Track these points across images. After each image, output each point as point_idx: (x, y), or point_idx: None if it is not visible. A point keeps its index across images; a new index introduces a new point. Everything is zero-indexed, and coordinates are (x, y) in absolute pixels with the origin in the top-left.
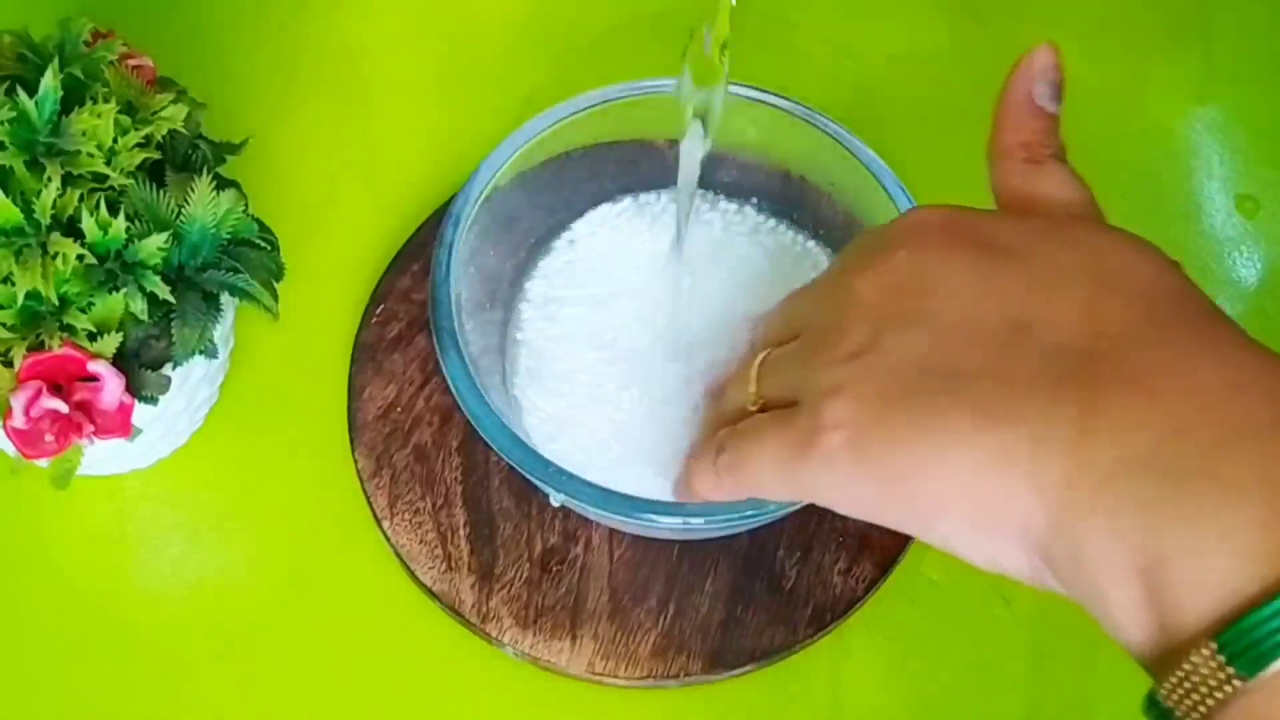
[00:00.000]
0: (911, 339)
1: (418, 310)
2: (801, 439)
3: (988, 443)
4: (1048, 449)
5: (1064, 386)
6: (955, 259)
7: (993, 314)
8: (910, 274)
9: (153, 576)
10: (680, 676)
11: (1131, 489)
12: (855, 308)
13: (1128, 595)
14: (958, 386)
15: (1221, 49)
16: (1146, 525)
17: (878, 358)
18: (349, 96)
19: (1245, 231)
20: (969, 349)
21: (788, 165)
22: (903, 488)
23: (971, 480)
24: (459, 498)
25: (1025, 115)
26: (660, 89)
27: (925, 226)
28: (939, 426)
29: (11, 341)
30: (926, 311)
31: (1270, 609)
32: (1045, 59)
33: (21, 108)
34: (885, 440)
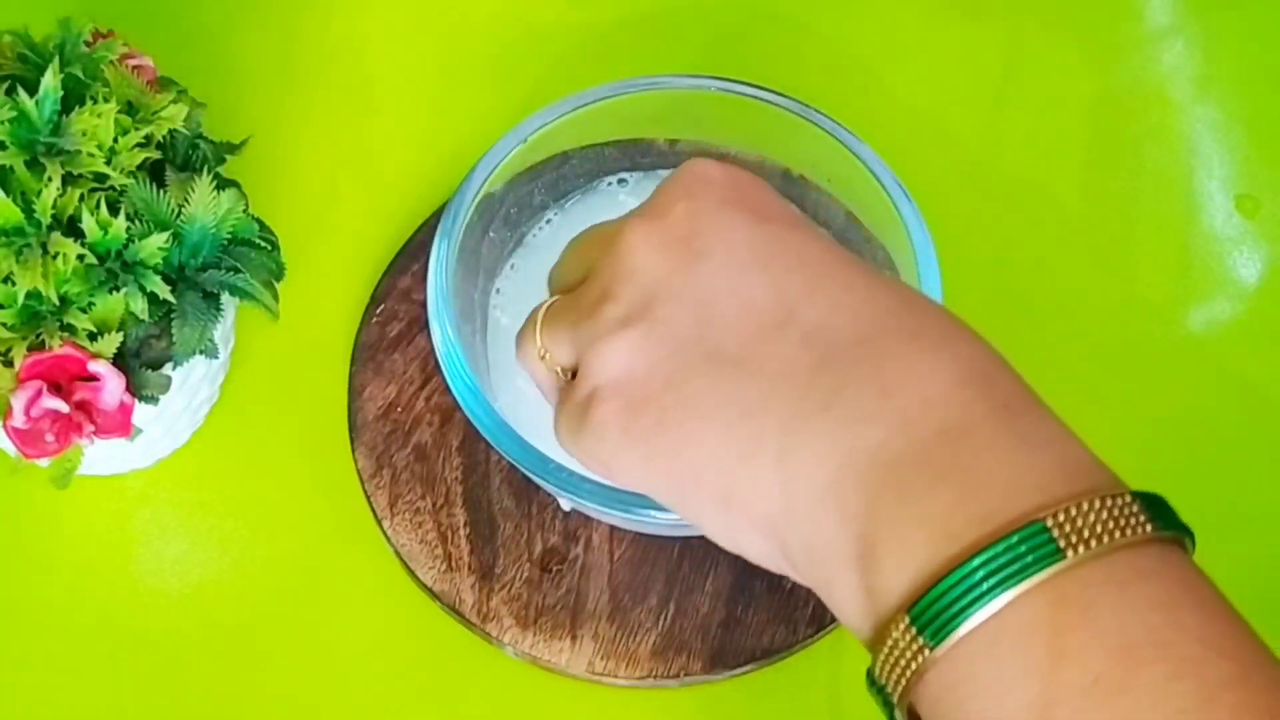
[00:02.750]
0: (681, 311)
1: (418, 310)
2: (577, 405)
3: (741, 428)
4: (793, 440)
5: (816, 374)
6: (730, 218)
7: (759, 289)
8: (685, 231)
9: (153, 576)
10: (680, 676)
11: (857, 479)
12: (628, 264)
13: (849, 582)
14: (720, 369)
15: (1221, 49)
16: (865, 514)
17: (649, 328)
18: (349, 96)
19: (1245, 231)
20: (735, 327)
21: (787, 164)
22: (663, 463)
23: (723, 463)
24: (459, 497)
25: None
26: (657, 87)
27: (708, 181)
28: (699, 407)
29: (12, 341)
30: (697, 278)
31: (949, 580)
32: None
33: (22, 107)
34: (651, 416)
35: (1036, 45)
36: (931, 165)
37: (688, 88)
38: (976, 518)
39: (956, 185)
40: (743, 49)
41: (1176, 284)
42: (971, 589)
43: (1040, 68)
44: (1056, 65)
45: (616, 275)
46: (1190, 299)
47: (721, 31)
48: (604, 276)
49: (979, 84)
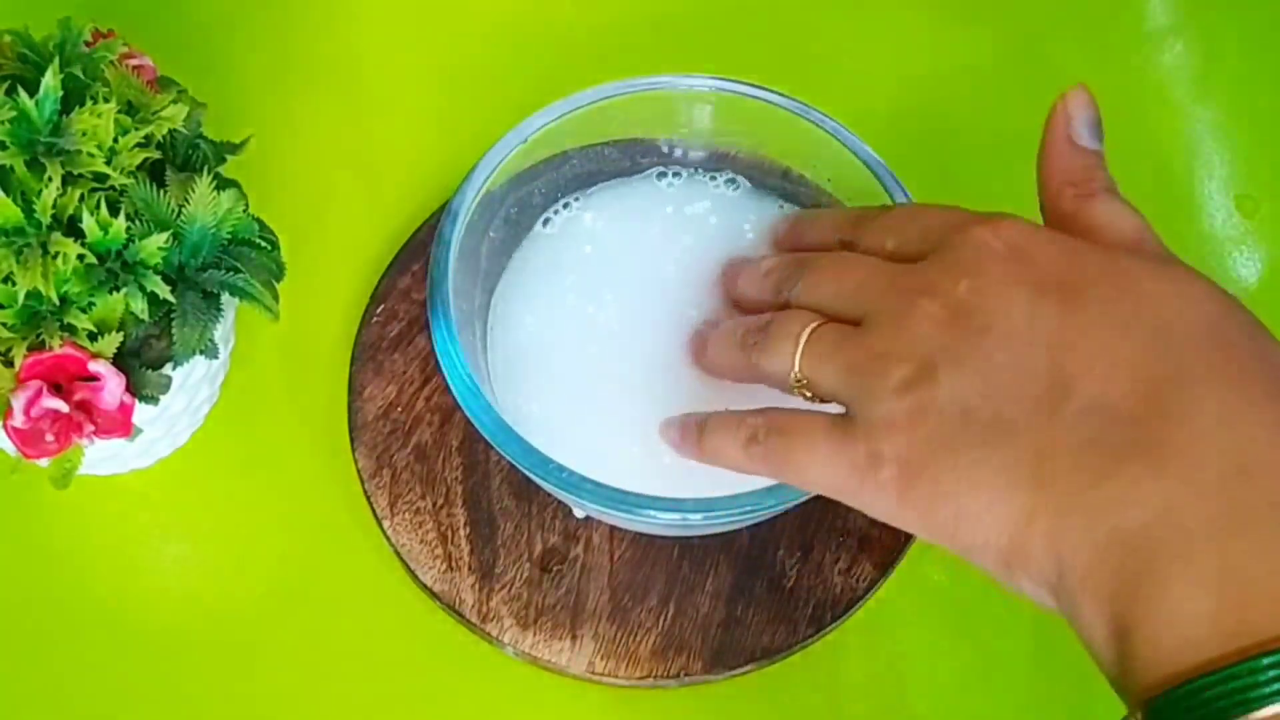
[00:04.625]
0: (961, 379)
1: (418, 310)
2: (858, 463)
3: (1017, 502)
4: (1063, 517)
5: (1089, 453)
6: (1012, 296)
7: (1039, 363)
8: (970, 307)
9: (153, 576)
10: (680, 676)
11: (1118, 561)
12: (913, 330)
13: (1107, 652)
14: (996, 440)
15: (1221, 49)
16: (1123, 597)
17: (930, 394)
18: (349, 96)
19: (1245, 231)
20: (1013, 398)
21: (787, 164)
22: (942, 527)
23: (1001, 533)
24: (459, 497)
25: (1068, 154)
26: (656, 87)
27: (991, 255)
28: (976, 481)
29: (12, 341)
30: (980, 351)
31: (1186, 690)
32: (1079, 97)
33: (22, 107)
34: (930, 483)
35: (1036, 45)
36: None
37: (688, 88)
38: (1227, 631)
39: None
40: (743, 49)
41: None
42: (1207, 704)
43: (1040, 68)
44: (1056, 65)
45: (903, 336)
46: None
47: (721, 31)
48: (890, 331)
49: (979, 84)
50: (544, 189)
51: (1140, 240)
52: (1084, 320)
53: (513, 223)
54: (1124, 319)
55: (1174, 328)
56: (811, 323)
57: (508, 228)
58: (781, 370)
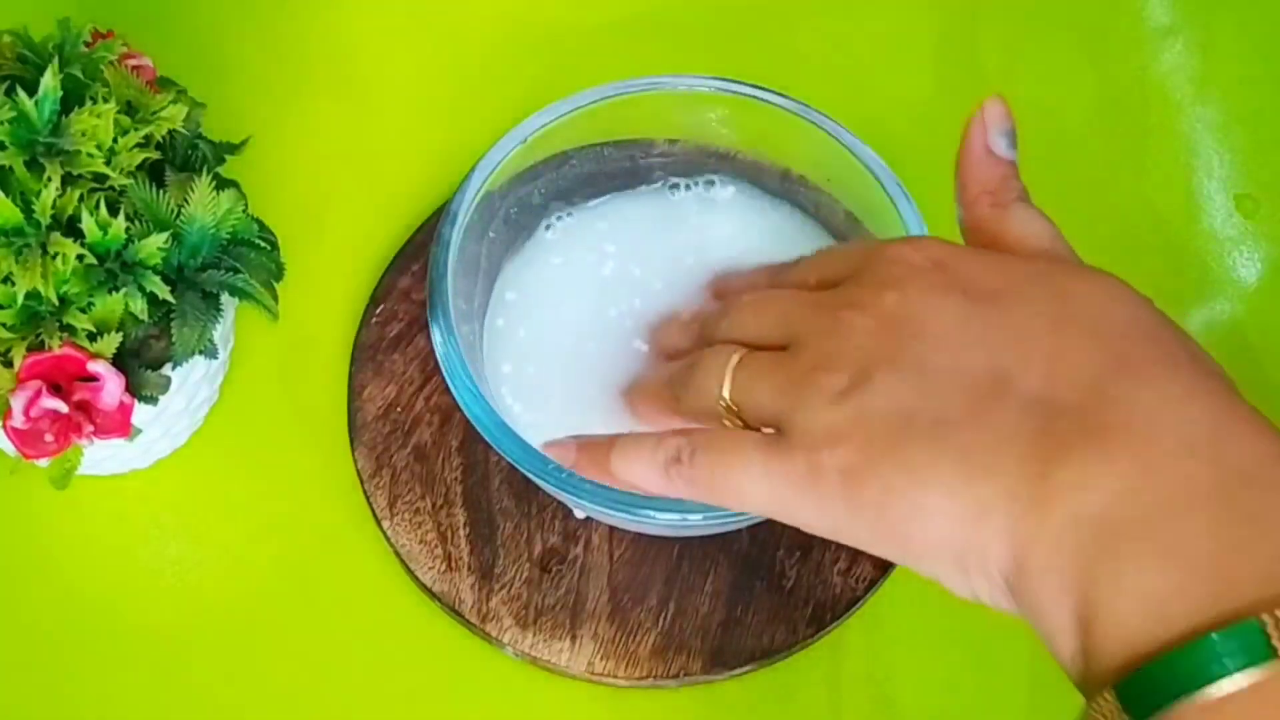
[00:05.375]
0: (900, 382)
1: (418, 310)
2: (796, 476)
3: (968, 495)
4: (1018, 505)
5: (1036, 442)
6: (942, 304)
7: (976, 362)
8: (900, 316)
9: (153, 576)
10: (680, 676)
11: (1077, 546)
12: (844, 342)
13: (1069, 640)
14: (943, 435)
15: (1221, 49)
16: (1084, 581)
17: (868, 399)
18: (349, 96)
19: (1245, 231)
20: (953, 397)
21: (787, 164)
22: (892, 530)
23: (955, 529)
24: (459, 498)
25: (985, 165)
26: (656, 87)
27: (913, 269)
28: (926, 477)
29: (11, 341)
30: (914, 355)
31: (1158, 666)
32: (996, 109)
33: (21, 108)
34: (878, 486)
35: (1036, 45)
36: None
37: (688, 88)
38: (1193, 604)
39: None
40: (743, 49)
41: (1176, 284)
42: (1178, 677)
43: (1040, 68)
44: (1056, 65)
45: (833, 349)
46: (1190, 299)
47: (721, 31)
48: (818, 348)
49: (979, 84)
50: (544, 189)
51: (1053, 246)
52: (1015, 320)
53: (512, 223)
54: (1054, 317)
55: (1103, 324)
56: (737, 353)
57: (507, 228)
58: (709, 401)
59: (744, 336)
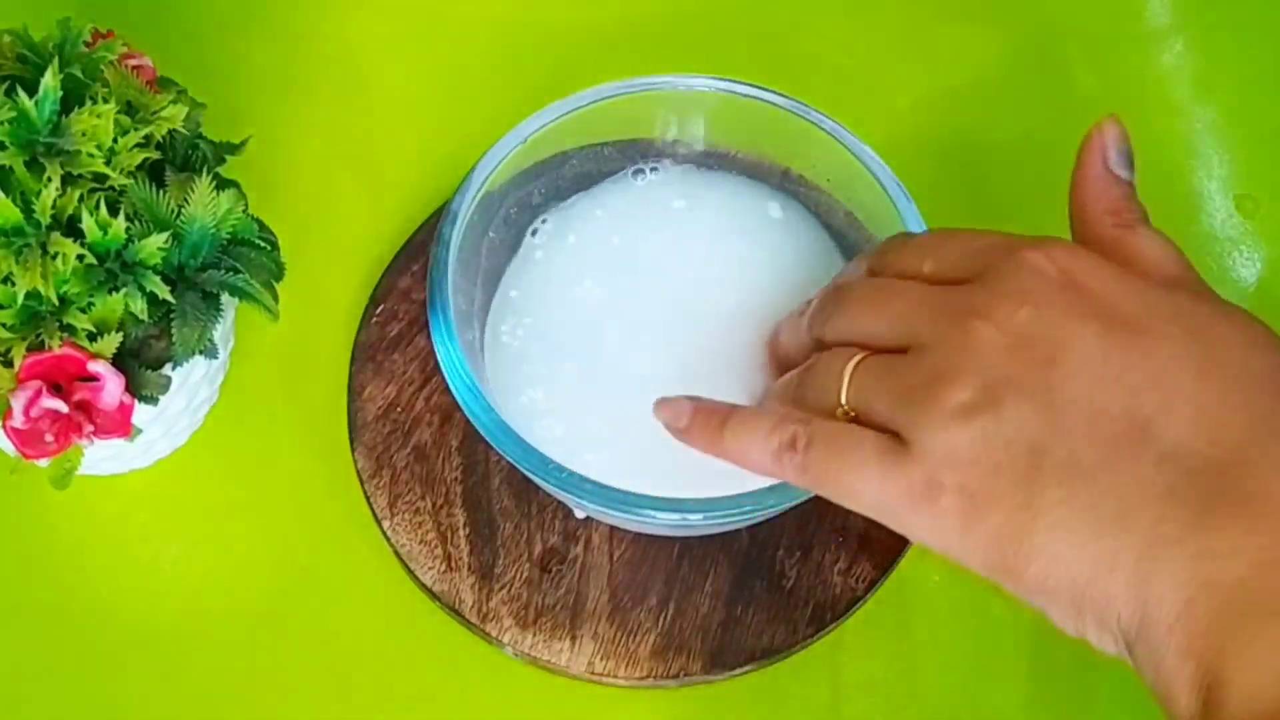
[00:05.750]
0: (1031, 413)
1: (418, 310)
2: (913, 489)
3: (1096, 548)
4: (1149, 566)
5: (1173, 501)
6: (1079, 330)
7: (1113, 403)
8: (1033, 336)
9: (153, 576)
10: (680, 676)
11: (1210, 615)
12: (972, 354)
13: (1188, 703)
14: (1075, 479)
15: (1221, 49)
16: (1214, 649)
17: (995, 424)
18: (349, 96)
19: (1245, 231)
20: (1087, 440)
21: (787, 164)
22: (1008, 565)
23: (1077, 577)
24: (459, 498)
25: (1106, 183)
26: (656, 87)
27: (1048, 283)
28: (1052, 522)
29: (11, 341)
30: (1047, 384)
31: None
32: (1114, 129)
33: (21, 108)
34: (1000, 519)
35: (1036, 45)
36: (931, 165)
37: (688, 88)
38: None
39: (956, 185)
40: (743, 49)
41: None
42: None
43: (1040, 68)
44: (1056, 65)
45: (959, 360)
46: None
47: (721, 31)
48: (943, 356)
49: (979, 84)
50: (544, 189)
51: (1184, 274)
52: (1157, 361)
53: (512, 223)
54: (1198, 362)
55: (1245, 374)
56: (856, 355)
57: (507, 228)
58: (828, 403)
59: (861, 336)
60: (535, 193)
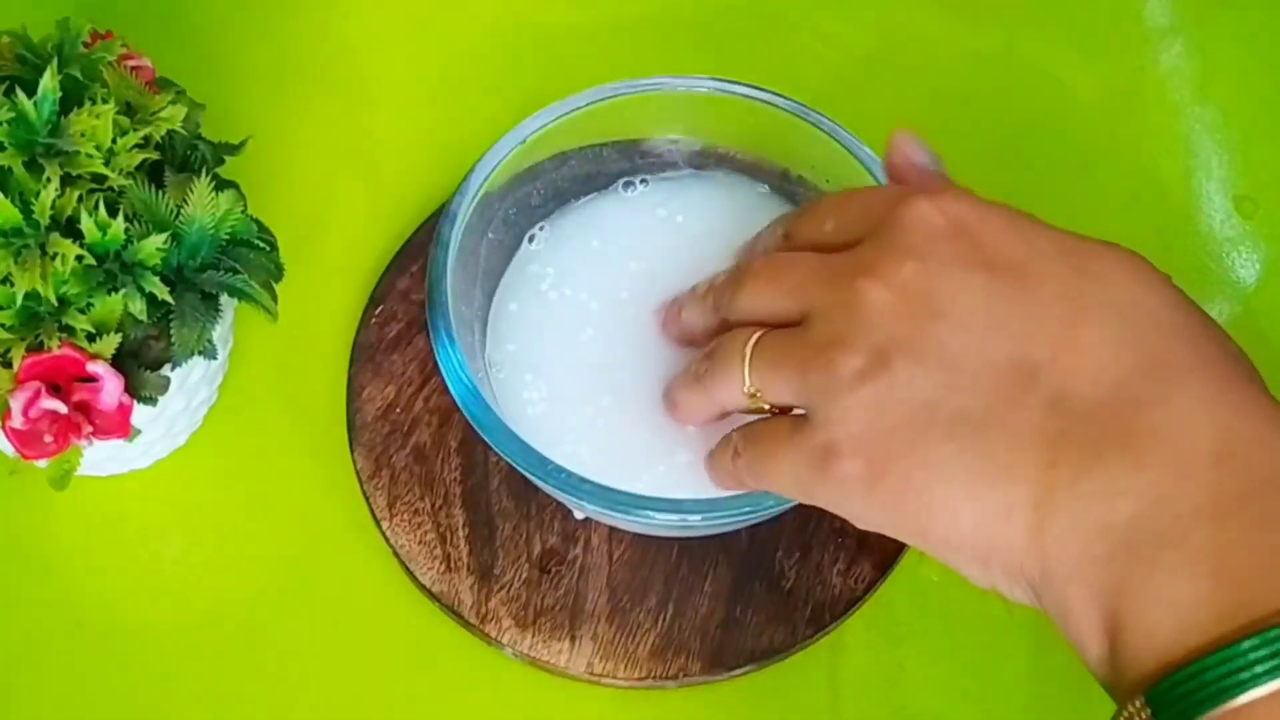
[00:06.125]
0: (920, 370)
1: (417, 311)
2: (816, 460)
3: (993, 496)
4: (1045, 510)
5: (1063, 445)
6: (965, 281)
7: (1000, 351)
8: (919, 291)
9: (151, 577)
10: (679, 677)
11: (1107, 554)
12: (860, 318)
13: (1097, 645)
14: (966, 432)
15: (1221, 49)
16: (1114, 589)
17: (887, 385)
18: (349, 96)
19: (1244, 232)
20: (975, 392)
21: (787, 164)
22: (912, 522)
23: (977, 528)
24: (458, 498)
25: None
26: (656, 87)
27: (935, 234)
28: (948, 476)
29: (10, 342)
30: (935, 338)
31: (1188, 672)
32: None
33: (20, 108)
34: (897, 477)
35: (1036, 45)
36: None
37: (688, 88)
38: (1223, 612)
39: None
40: (743, 49)
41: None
42: (1208, 685)
43: (1040, 68)
44: (1056, 65)
45: (850, 326)
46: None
47: (721, 31)
48: (834, 322)
49: (978, 85)
50: (543, 190)
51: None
52: (1041, 305)
53: (511, 224)
54: (1082, 304)
55: (1134, 314)
56: (755, 334)
57: (506, 229)
58: (735, 390)
59: (758, 312)
60: (534, 194)
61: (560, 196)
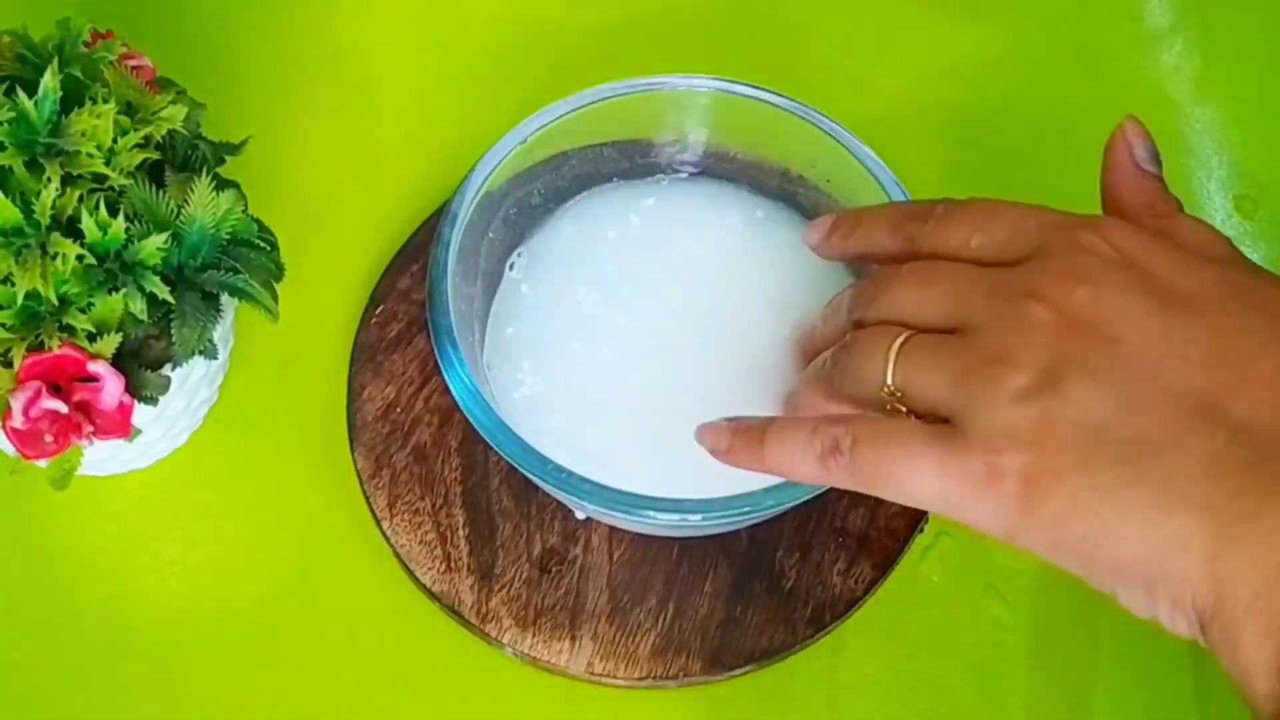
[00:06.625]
0: (1094, 391)
1: (417, 310)
2: (972, 474)
3: (1169, 526)
4: (1224, 542)
5: (1247, 475)
6: (1139, 308)
7: (1178, 378)
8: (1092, 316)
9: (153, 576)
10: (680, 677)
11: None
12: (1029, 336)
13: (1267, 683)
14: (1142, 458)
15: (1221, 49)
16: None
17: (1057, 404)
18: (349, 96)
19: (1244, 231)
20: (1154, 416)
21: (787, 164)
22: (1075, 546)
23: (1150, 557)
24: (458, 498)
25: (1138, 178)
26: (656, 87)
27: (1104, 262)
28: (1122, 501)
29: (11, 342)
30: (1110, 362)
31: None
32: (1136, 127)
33: (21, 108)
34: (1064, 499)
35: (1036, 45)
36: (931, 166)
37: (688, 88)
38: None
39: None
40: (743, 49)
41: None
42: None
43: (1040, 68)
44: (1056, 65)
45: (1018, 342)
46: None
47: (721, 31)
48: (999, 336)
49: (979, 85)
50: (543, 190)
51: (1232, 253)
52: (1220, 336)
53: (512, 223)
54: (1262, 336)
55: None
56: (902, 334)
57: (507, 228)
58: (871, 386)
59: (905, 315)
60: (535, 193)
61: (560, 196)
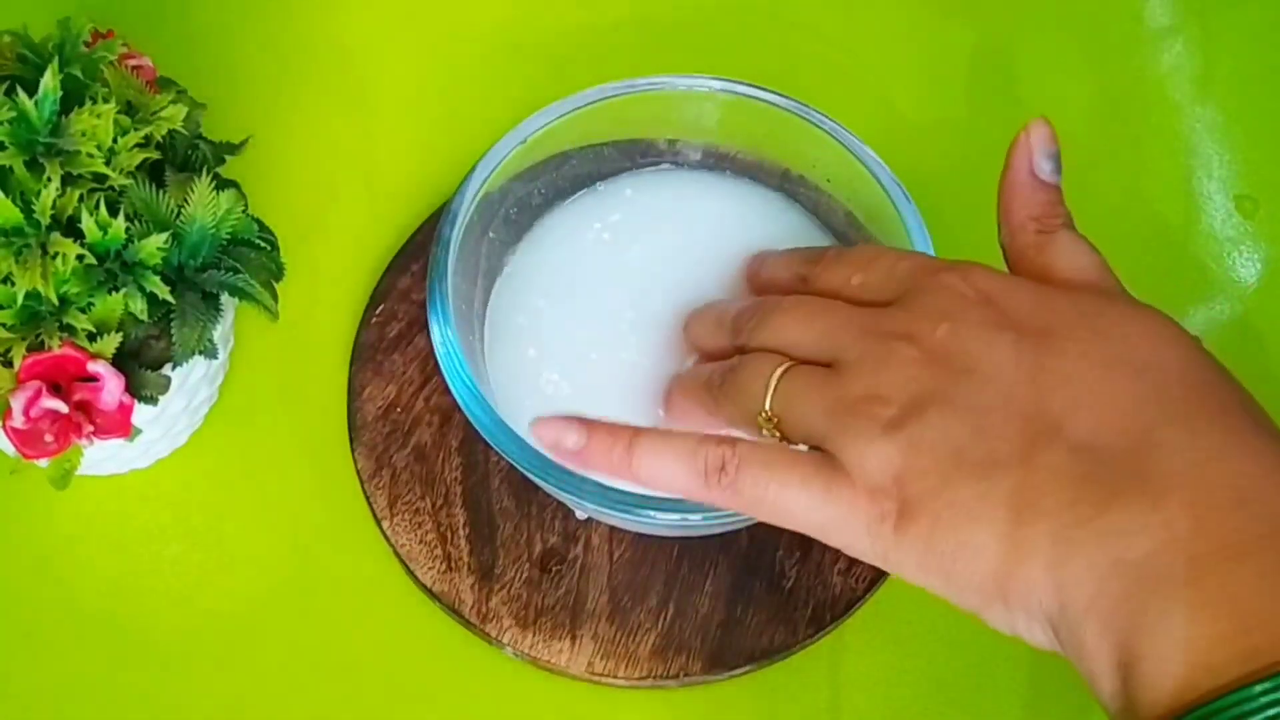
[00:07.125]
0: (952, 418)
1: (417, 310)
2: (851, 502)
3: (1016, 536)
4: (1064, 548)
5: (1086, 486)
6: (993, 340)
7: (1028, 402)
8: (951, 350)
9: (153, 576)
10: (680, 677)
11: (1123, 590)
12: (896, 372)
13: (1111, 684)
14: (993, 474)
15: (1221, 49)
16: (1128, 626)
17: (919, 431)
18: (349, 96)
19: (1245, 231)
20: (1004, 437)
21: (787, 164)
22: (938, 563)
23: (1000, 567)
24: (459, 498)
25: (1031, 188)
26: (656, 87)
27: (964, 301)
28: (977, 516)
29: (11, 341)
30: (967, 390)
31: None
32: (1041, 131)
33: (21, 108)
34: (927, 520)
35: (1036, 45)
36: (931, 165)
37: (688, 88)
38: (1238, 654)
39: (956, 185)
40: (743, 49)
41: (1176, 284)
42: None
43: (1040, 68)
44: (1056, 65)
45: (885, 378)
46: (1190, 299)
47: (721, 31)
48: (871, 375)
49: (979, 84)
50: (543, 189)
51: (1101, 278)
52: (1066, 362)
53: (512, 223)
54: (1104, 361)
55: (1152, 369)
56: (783, 363)
57: (507, 228)
58: (750, 407)
59: (785, 345)
60: (535, 193)
61: (561, 196)
